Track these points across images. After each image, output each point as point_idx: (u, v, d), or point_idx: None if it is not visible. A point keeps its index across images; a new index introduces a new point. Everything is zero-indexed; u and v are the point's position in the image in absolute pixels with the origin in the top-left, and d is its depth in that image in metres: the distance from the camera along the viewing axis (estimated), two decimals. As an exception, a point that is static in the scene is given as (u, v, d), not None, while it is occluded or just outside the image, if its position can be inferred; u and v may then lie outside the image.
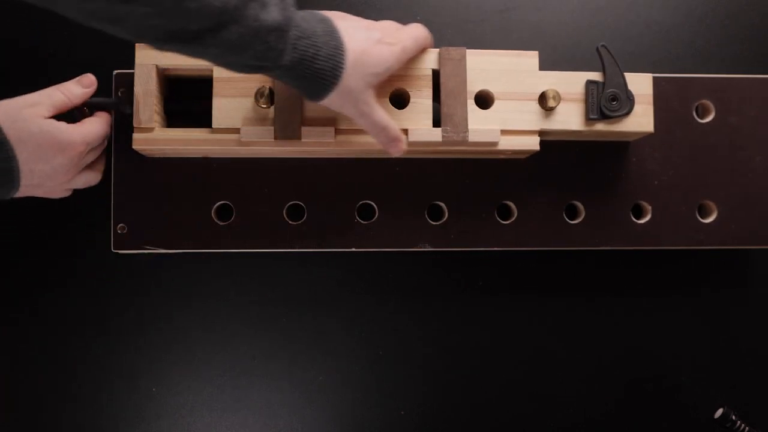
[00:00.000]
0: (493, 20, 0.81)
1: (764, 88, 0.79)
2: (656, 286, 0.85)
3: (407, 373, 0.83)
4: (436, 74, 0.70)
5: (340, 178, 0.76)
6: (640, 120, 0.71)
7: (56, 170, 0.63)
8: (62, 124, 0.63)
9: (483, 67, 0.70)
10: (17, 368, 0.80)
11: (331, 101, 0.62)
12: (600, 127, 0.71)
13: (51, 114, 0.63)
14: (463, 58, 0.69)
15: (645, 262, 0.84)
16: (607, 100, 0.70)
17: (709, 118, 0.78)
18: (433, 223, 0.77)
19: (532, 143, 0.71)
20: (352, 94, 0.61)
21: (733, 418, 0.76)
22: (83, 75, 0.68)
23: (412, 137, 0.69)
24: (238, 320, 0.81)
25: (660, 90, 0.77)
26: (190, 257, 0.80)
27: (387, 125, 0.65)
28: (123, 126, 0.72)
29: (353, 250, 0.76)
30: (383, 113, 0.64)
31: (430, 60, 0.69)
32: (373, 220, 0.76)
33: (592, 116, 0.70)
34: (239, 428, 0.81)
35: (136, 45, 0.68)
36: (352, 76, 0.60)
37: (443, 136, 0.69)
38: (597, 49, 0.70)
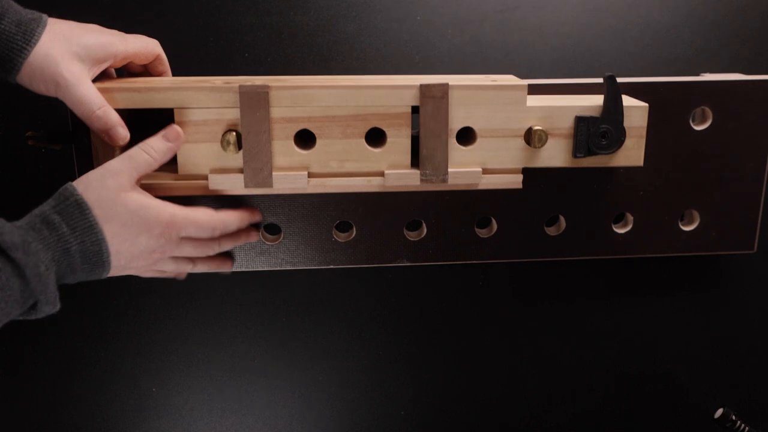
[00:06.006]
0: (493, 20, 0.81)
1: (764, 90, 0.78)
2: (656, 287, 0.85)
3: (407, 373, 0.83)
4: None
5: (317, 196, 0.73)
6: (629, 153, 0.68)
7: (141, 251, 0.59)
8: (151, 201, 0.59)
9: (467, 102, 0.64)
10: (18, 368, 0.80)
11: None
12: (586, 161, 0.68)
13: (136, 180, 0.59)
14: (445, 95, 0.63)
15: (643, 263, 0.84)
16: (596, 137, 0.65)
17: (706, 125, 0.76)
18: (412, 239, 0.75)
19: (515, 181, 0.68)
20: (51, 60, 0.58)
21: (733, 418, 0.76)
22: (168, 127, 0.62)
23: (389, 181, 0.66)
24: (238, 320, 0.81)
25: (658, 96, 0.75)
26: (190, 257, 0.80)
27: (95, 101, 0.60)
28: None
29: (331, 267, 0.75)
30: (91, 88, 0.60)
31: (410, 96, 0.64)
32: (352, 237, 0.75)
33: (578, 155, 0.66)
34: (239, 428, 0.81)
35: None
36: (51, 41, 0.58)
37: (422, 180, 0.66)
38: (604, 79, 0.65)
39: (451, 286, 0.83)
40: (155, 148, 0.61)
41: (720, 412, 0.76)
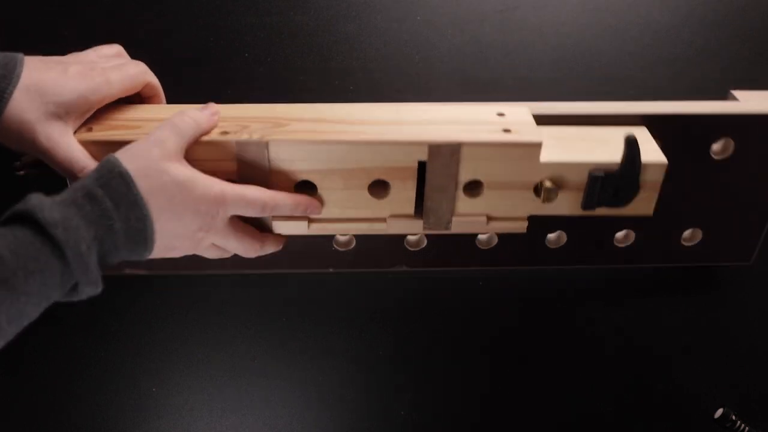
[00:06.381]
0: (493, 20, 0.81)
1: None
2: (656, 288, 0.85)
3: (407, 373, 0.83)
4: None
5: None
6: (639, 204, 0.64)
7: (186, 230, 0.55)
8: (199, 174, 0.55)
9: (477, 157, 0.61)
10: (18, 368, 0.80)
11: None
12: (594, 211, 0.66)
13: (182, 148, 0.56)
14: (456, 153, 0.60)
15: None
16: (608, 193, 0.62)
17: (726, 155, 0.71)
18: (411, 249, 0.75)
19: (520, 227, 0.66)
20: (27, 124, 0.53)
21: (733, 418, 0.76)
22: (209, 104, 0.60)
23: (391, 228, 0.64)
24: (238, 320, 0.81)
25: (678, 127, 0.69)
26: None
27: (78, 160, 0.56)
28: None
29: (330, 270, 0.75)
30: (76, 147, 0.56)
31: (417, 152, 0.60)
32: (352, 246, 0.75)
33: (587, 208, 0.64)
34: (239, 428, 0.81)
35: None
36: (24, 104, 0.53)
37: (424, 227, 0.64)
38: (625, 140, 0.61)
39: (451, 286, 0.83)
40: (198, 116, 0.58)
41: (720, 412, 0.76)
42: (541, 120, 0.64)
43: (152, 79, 0.62)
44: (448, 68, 0.79)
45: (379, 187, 0.63)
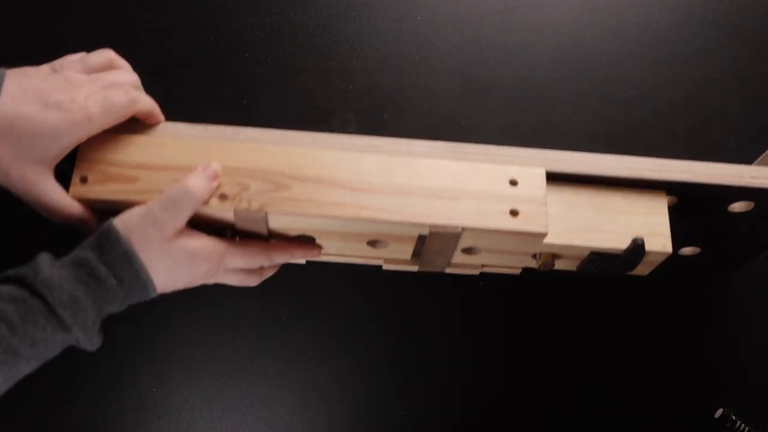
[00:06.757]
0: (493, 20, 0.81)
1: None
2: (655, 286, 0.85)
3: (407, 373, 0.83)
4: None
5: None
6: (636, 269, 0.65)
7: (187, 283, 0.58)
8: (199, 243, 0.56)
9: (479, 237, 0.59)
10: (17, 368, 0.80)
11: None
12: None
13: (181, 227, 0.55)
14: (456, 237, 0.58)
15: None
16: (605, 267, 0.62)
17: (743, 211, 0.69)
18: None
19: (513, 271, 0.68)
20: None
21: (733, 418, 0.76)
22: (208, 167, 0.56)
23: (387, 266, 0.67)
24: (238, 321, 0.81)
25: (701, 192, 0.65)
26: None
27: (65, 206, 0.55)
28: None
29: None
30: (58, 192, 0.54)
31: (418, 230, 0.58)
32: None
33: (582, 273, 0.65)
34: (239, 428, 0.81)
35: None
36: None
37: (419, 269, 0.66)
38: (633, 241, 0.60)
39: (451, 285, 0.83)
40: (198, 188, 0.55)
41: (720, 412, 0.76)
42: (555, 177, 0.61)
43: (142, 106, 0.57)
44: (448, 68, 0.79)
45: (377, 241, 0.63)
